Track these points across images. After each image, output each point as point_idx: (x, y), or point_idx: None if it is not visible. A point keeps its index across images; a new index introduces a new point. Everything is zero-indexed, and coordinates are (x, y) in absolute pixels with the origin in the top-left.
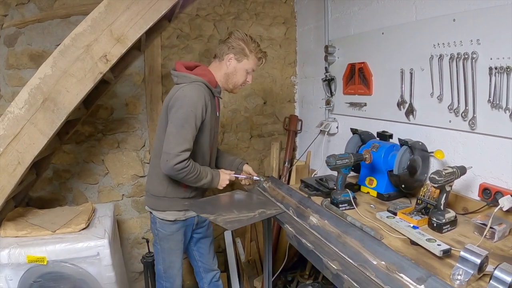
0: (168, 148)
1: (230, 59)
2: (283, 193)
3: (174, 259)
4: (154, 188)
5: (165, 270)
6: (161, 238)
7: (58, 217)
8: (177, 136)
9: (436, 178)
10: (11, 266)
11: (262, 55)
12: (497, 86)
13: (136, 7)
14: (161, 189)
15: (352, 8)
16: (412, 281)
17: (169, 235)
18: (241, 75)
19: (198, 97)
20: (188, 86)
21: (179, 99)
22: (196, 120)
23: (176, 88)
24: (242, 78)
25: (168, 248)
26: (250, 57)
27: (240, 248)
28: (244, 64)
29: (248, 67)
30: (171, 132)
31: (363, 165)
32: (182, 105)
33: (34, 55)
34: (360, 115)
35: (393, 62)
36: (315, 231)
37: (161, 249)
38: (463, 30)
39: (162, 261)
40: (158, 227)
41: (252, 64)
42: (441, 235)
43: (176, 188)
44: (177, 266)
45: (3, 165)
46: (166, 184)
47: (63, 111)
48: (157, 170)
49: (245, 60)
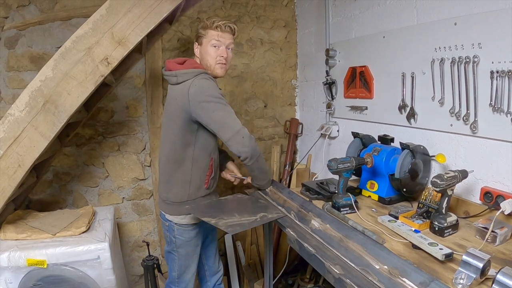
0: (229, 131)
1: (196, 48)
2: (284, 196)
3: (190, 264)
4: (175, 194)
5: (179, 276)
6: (179, 245)
7: (58, 220)
8: (228, 117)
9: (438, 182)
10: (11, 269)
11: (220, 23)
12: (499, 90)
13: (137, 10)
14: (183, 194)
15: (353, 12)
16: (414, 285)
17: (188, 241)
18: (208, 54)
19: (212, 83)
20: (197, 80)
21: (200, 94)
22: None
23: (182, 87)
24: (212, 56)
25: (186, 254)
26: (206, 33)
27: (240, 252)
28: (205, 43)
29: (210, 41)
30: (220, 119)
31: (364, 168)
32: (207, 95)
33: (34, 57)
34: (361, 118)
35: (394, 65)
36: (317, 235)
37: (178, 256)
38: (464, 34)
39: (178, 267)
40: (177, 235)
41: (210, 36)
42: (443, 239)
43: (197, 188)
44: (192, 271)
45: (3, 168)
46: (188, 187)
47: (64, 113)
48: (177, 175)
49: (204, 39)
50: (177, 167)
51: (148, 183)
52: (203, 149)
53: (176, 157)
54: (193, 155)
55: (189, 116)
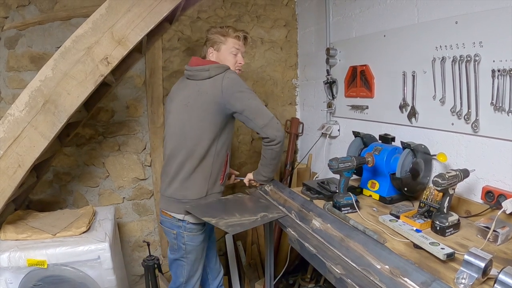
0: (267, 115)
1: (210, 53)
2: (285, 196)
3: (198, 267)
4: (195, 190)
5: (187, 281)
6: (189, 251)
7: (58, 220)
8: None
9: (439, 181)
10: (11, 269)
11: (240, 33)
12: (500, 88)
13: (137, 9)
14: (202, 190)
15: (354, 11)
16: (416, 285)
17: (197, 246)
18: (226, 59)
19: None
20: (228, 73)
21: (234, 85)
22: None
23: (213, 80)
24: (232, 60)
25: (195, 259)
26: (226, 41)
27: (241, 251)
28: (224, 49)
29: (229, 48)
30: (256, 107)
31: (365, 168)
32: (241, 86)
33: (34, 57)
34: (362, 118)
35: (395, 64)
36: (317, 235)
37: (187, 262)
38: (465, 33)
39: (187, 273)
40: (187, 241)
41: (231, 44)
42: (444, 238)
43: (213, 183)
44: (199, 273)
45: (3, 168)
46: (207, 182)
47: (64, 113)
48: (198, 171)
49: (222, 46)
50: (199, 162)
51: (149, 183)
52: (224, 144)
53: (199, 152)
54: (216, 149)
55: (221, 108)
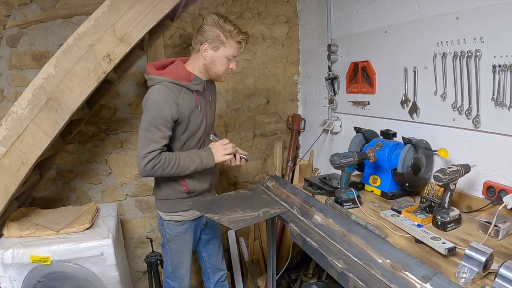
0: (138, 151)
1: (205, 49)
2: (287, 192)
3: (182, 259)
4: (156, 191)
5: (173, 270)
6: (169, 239)
7: (61, 217)
8: (143, 139)
9: (441, 176)
10: (15, 266)
11: (242, 37)
12: (501, 84)
13: (139, 6)
14: (161, 192)
15: (355, 7)
16: (417, 279)
17: (177, 236)
18: (221, 63)
19: (162, 100)
20: (152, 88)
21: (146, 101)
22: (162, 121)
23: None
24: (223, 67)
25: (176, 249)
26: (227, 43)
27: (243, 247)
28: (222, 51)
29: (228, 54)
30: (139, 136)
31: (366, 163)
32: (148, 108)
33: (37, 55)
34: (364, 113)
35: (397, 60)
36: (319, 230)
37: (169, 250)
38: (466, 28)
39: (171, 261)
40: (166, 228)
41: (230, 50)
42: (446, 233)
43: (176, 190)
44: (185, 266)
45: (6, 165)
46: (165, 187)
47: (67, 111)
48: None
49: (222, 47)
50: None
51: (151, 179)
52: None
53: None
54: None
55: None
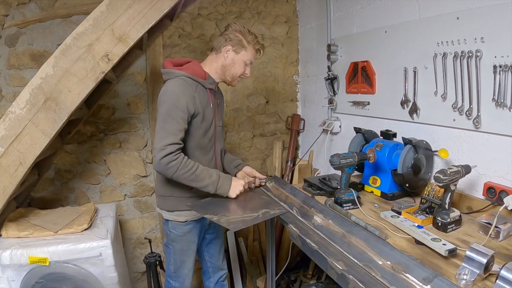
0: (155, 143)
1: (227, 50)
2: (286, 192)
3: (185, 259)
4: (160, 187)
5: (175, 270)
6: (173, 239)
7: (60, 217)
8: (161, 130)
9: (441, 177)
10: (13, 267)
11: (260, 46)
12: (502, 84)
13: (137, 6)
14: (166, 189)
15: (355, 7)
16: (418, 281)
17: (181, 236)
18: (239, 66)
19: (180, 91)
20: (170, 81)
21: (162, 94)
22: (180, 113)
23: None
24: (241, 70)
25: (180, 249)
26: (248, 49)
27: (243, 248)
28: (242, 55)
29: (246, 59)
30: (157, 128)
31: (366, 164)
32: (165, 100)
33: (35, 55)
34: (363, 114)
35: (397, 60)
36: (319, 231)
37: (173, 250)
38: (467, 28)
39: (174, 261)
40: (171, 228)
41: (250, 55)
42: (446, 234)
43: (181, 188)
44: (188, 266)
45: (4, 166)
46: (170, 184)
47: (65, 111)
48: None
49: (243, 51)
50: None
51: (150, 180)
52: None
53: None
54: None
55: None
